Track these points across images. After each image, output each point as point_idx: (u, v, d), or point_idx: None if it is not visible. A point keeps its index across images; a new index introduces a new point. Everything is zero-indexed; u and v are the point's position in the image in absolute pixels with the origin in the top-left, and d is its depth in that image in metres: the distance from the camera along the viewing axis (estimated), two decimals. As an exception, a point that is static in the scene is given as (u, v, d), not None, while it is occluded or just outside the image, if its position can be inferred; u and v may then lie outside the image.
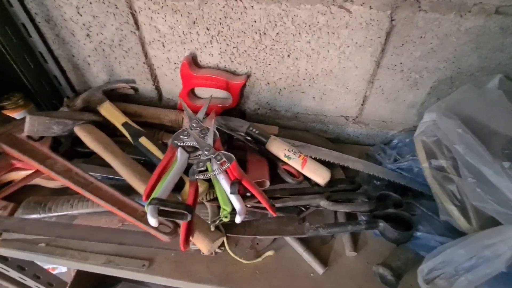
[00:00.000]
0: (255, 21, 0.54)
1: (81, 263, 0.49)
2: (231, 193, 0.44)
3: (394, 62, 0.56)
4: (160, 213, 0.42)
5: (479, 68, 0.54)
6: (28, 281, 0.71)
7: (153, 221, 0.40)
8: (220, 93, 0.68)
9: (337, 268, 0.49)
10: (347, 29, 0.52)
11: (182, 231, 0.44)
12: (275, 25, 0.54)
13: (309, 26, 0.53)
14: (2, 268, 0.65)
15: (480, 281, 0.40)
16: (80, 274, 0.77)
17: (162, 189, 0.44)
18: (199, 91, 0.69)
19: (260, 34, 0.55)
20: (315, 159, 0.61)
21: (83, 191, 0.49)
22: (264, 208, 0.52)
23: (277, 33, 0.55)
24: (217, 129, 0.64)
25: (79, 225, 0.52)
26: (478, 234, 0.41)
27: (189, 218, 0.42)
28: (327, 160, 0.61)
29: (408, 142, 0.63)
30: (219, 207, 0.55)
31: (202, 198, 0.55)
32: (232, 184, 0.45)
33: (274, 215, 0.45)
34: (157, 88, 0.72)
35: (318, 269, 0.48)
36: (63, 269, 1.07)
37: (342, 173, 0.63)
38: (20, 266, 0.69)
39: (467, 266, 0.40)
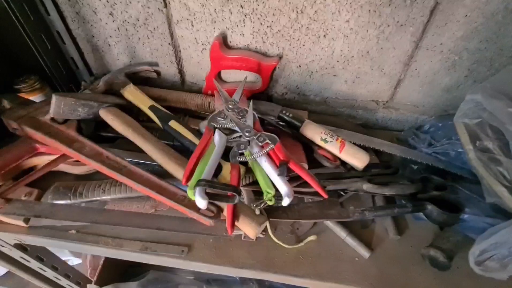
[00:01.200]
0: (294, -2, 0.51)
1: (116, 250, 0.47)
2: (279, 175, 0.42)
3: (434, 43, 0.54)
4: (208, 195, 0.40)
5: (521, 49, 0.53)
6: (48, 272, 0.68)
7: (202, 203, 0.38)
8: (249, 76, 0.65)
9: (381, 252, 0.48)
10: (390, 6, 0.50)
11: (228, 214, 0.42)
12: (314, 2, 0.51)
13: (350, 3, 0.51)
14: (22, 259, 0.62)
15: (536, 262, 0.39)
16: (106, 265, 0.75)
17: (206, 171, 0.42)
18: (225, 74, 0.67)
19: (297, 12, 0.53)
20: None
21: (117, 175, 0.47)
22: (303, 192, 0.51)
23: (315, 11, 0.53)
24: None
25: (113, 211, 0.49)
26: (533, 215, 0.41)
27: (236, 200, 0.40)
28: (361, 144, 0.60)
29: (441, 127, 0.62)
30: (254, 192, 0.53)
31: (238, 183, 0.53)
32: (280, 165, 0.43)
33: (326, 197, 0.43)
34: (181, 72, 0.69)
35: (364, 253, 0.47)
36: (75, 261, 1.05)
37: (376, 158, 0.61)
38: (39, 256, 0.66)
39: (522, 247, 0.40)
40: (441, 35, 0.53)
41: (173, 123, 0.56)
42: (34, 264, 0.64)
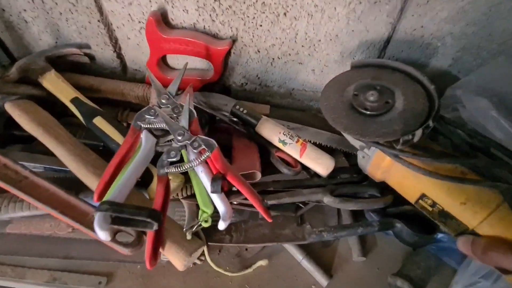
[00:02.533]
0: (243, -36, 0.41)
1: (15, 282, 0.38)
2: (212, 192, 0.33)
3: (414, 26, 0.45)
4: (116, 221, 0.31)
5: (513, 34, 0.45)
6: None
7: (102, 234, 0.29)
8: (199, 63, 0.55)
9: (343, 277, 0.41)
10: (362, -22, 0.41)
11: (148, 242, 0.33)
12: (269, -30, 0.41)
13: (313, -28, 0.41)
14: None
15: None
16: None
17: (118, 188, 0.32)
18: (173, 60, 0.56)
19: (249, -18, 0.43)
20: (314, 144, 0.51)
21: (12, 189, 0.37)
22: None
23: (271, -18, 0.42)
24: (196, 107, 0.52)
25: (12, 235, 0.39)
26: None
27: (155, 227, 0.31)
28: (328, 146, 0.51)
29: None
30: (198, 206, 0.44)
31: (177, 194, 0.44)
32: (213, 180, 0.34)
33: (269, 220, 0.35)
34: (120, 56, 0.57)
35: (321, 280, 0.39)
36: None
37: (345, 161, 0.53)
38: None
39: None
40: (422, 16, 0.44)
41: (98, 120, 0.46)
42: None
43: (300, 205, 0.45)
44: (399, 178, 0.39)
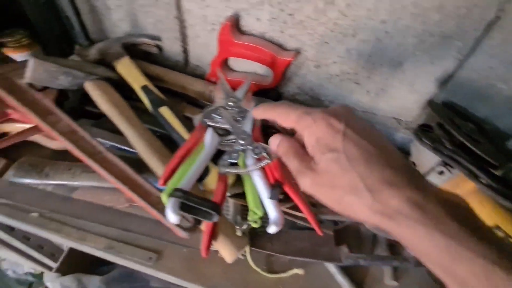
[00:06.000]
0: (325, -15, 0.43)
1: (77, 243, 0.42)
2: (270, 198, 0.36)
3: (482, 65, 0.46)
4: (183, 208, 0.34)
5: None
6: (17, 243, 0.65)
7: (173, 217, 0.32)
8: (259, 68, 0.58)
9: (373, 297, 0.42)
10: (439, 13, 0.41)
11: (205, 233, 0.36)
12: (349, -7, 0.43)
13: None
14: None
15: None
16: (72, 250, 0.70)
17: (187, 179, 0.35)
18: (234, 62, 0.59)
19: (325, 1, 0.44)
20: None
21: (89, 161, 0.41)
22: (296, 216, 0.45)
23: (348, 4, 0.44)
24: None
25: (79, 201, 0.44)
26: None
27: (215, 219, 0.34)
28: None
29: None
30: (243, 206, 0.47)
31: (226, 190, 0.47)
32: (273, 188, 0.36)
33: (320, 234, 0.37)
34: (185, 51, 0.61)
35: (353, 296, 0.41)
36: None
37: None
38: (10, 226, 0.62)
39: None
40: (493, 57, 0.44)
41: (164, 110, 0.50)
42: (1, 235, 0.60)
43: (338, 222, 0.46)
44: (475, 205, 0.38)
